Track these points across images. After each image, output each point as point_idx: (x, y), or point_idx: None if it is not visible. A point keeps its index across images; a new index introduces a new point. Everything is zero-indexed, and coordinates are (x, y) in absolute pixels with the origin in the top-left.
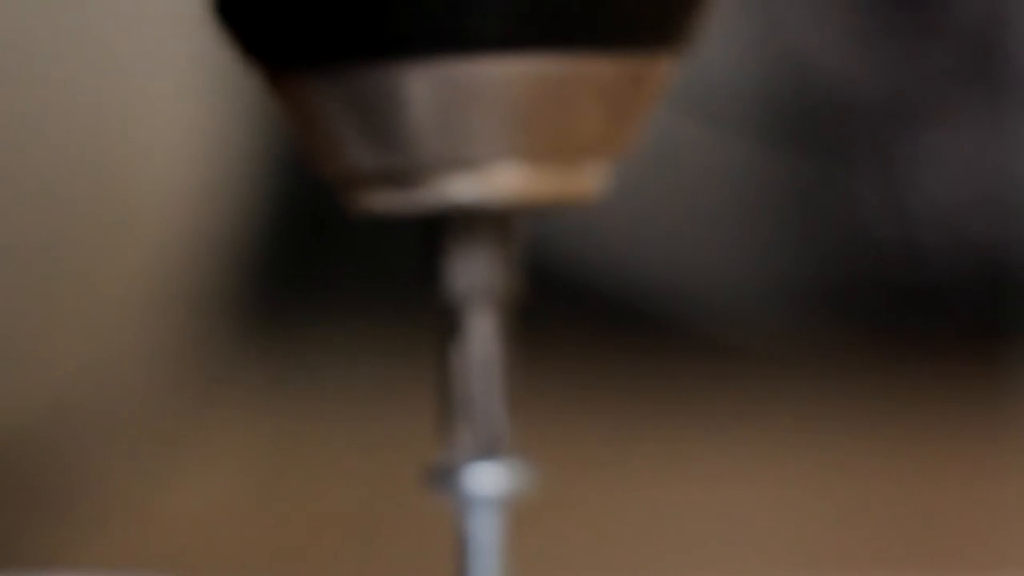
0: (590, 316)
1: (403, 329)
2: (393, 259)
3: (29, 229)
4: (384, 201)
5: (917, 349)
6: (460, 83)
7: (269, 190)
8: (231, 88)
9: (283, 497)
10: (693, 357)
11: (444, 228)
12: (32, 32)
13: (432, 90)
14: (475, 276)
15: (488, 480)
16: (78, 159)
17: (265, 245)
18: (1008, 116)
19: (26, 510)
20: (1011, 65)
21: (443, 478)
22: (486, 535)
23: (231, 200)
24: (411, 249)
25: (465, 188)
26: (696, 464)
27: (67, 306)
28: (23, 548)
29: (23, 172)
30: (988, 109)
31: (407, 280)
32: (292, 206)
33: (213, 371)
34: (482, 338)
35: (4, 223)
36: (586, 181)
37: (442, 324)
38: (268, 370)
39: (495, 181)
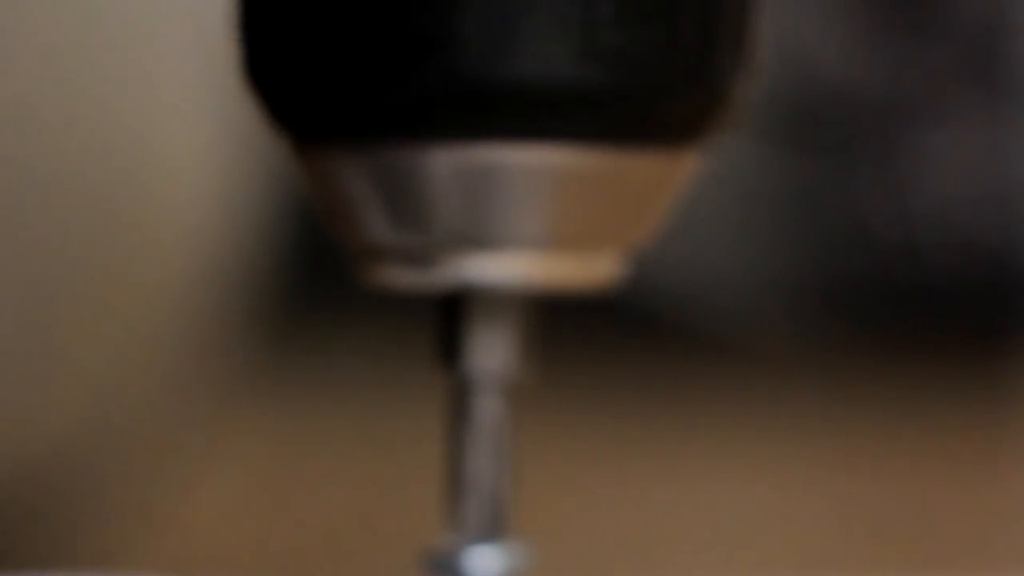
0: (589, 316)
1: (417, 341)
2: None
3: (47, 246)
4: (401, 278)
5: (917, 349)
6: (483, 167)
7: (285, 203)
8: (250, 103)
9: (295, 505)
10: (694, 357)
11: (459, 307)
12: (51, 48)
13: (455, 172)
14: (487, 356)
15: (488, 563)
16: (97, 176)
17: (281, 259)
18: (1008, 116)
19: (39, 515)
20: (1011, 65)
21: (443, 562)
22: None
23: (248, 214)
24: None
25: (482, 269)
26: (697, 464)
27: (84, 318)
28: (34, 550)
29: (40, 190)
30: (988, 109)
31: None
32: (308, 218)
33: (229, 382)
34: (490, 418)
35: (21, 241)
36: (603, 269)
37: (452, 402)
38: (283, 381)
39: (512, 264)
